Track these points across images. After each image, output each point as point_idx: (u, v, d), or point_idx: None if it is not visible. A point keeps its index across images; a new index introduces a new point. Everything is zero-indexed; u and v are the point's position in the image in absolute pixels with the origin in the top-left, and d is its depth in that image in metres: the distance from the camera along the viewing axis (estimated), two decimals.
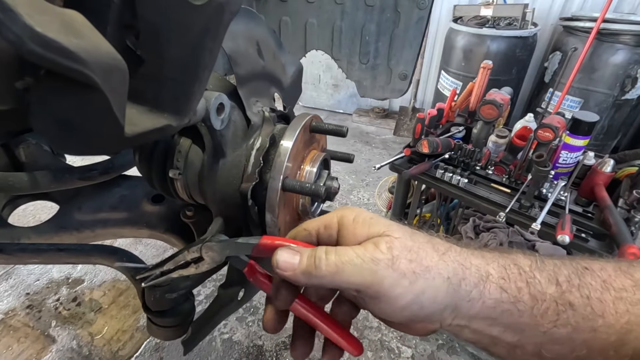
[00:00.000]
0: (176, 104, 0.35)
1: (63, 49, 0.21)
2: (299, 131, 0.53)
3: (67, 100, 0.25)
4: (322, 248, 0.38)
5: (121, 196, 0.82)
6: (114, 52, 0.25)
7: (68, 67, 0.22)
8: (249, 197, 0.52)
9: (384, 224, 0.39)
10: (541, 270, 0.39)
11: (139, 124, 0.32)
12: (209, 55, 0.34)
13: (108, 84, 0.25)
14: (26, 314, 2.41)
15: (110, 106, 0.26)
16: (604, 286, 0.38)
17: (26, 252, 0.59)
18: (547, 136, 1.56)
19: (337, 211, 0.43)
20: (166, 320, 0.59)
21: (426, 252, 0.38)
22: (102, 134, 0.28)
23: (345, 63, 1.19)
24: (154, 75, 0.33)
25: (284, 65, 0.69)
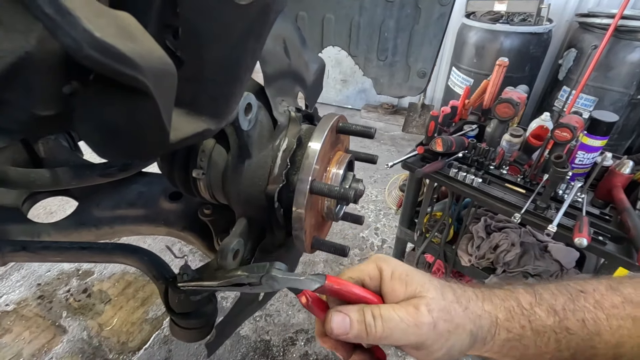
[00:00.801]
0: (215, 107, 0.34)
1: (120, 55, 0.20)
2: (327, 132, 0.52)
3: (115, 105, 0.24)
4: (369, 313, 0.43)
5: (139, 193, 0.82)
6: (165, 56, 0.24)
7: (123, 73, 0.21)
8: (276, 200, 0.51)
9: (418, 282, 0.44)
10: (540, 304, 0.45)
11: (181, 128, 0.31)
12: (251, 56, 0.32)
13: (159, 90, 0.24)
14: (37, 304, 2.44)
15: (159, 112, 0.25)
16: (597, 306, 0.45)
17: (49, 250, 0.58)
18: (565, 136, 1.53)
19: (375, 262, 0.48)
20: (190, 322, 0.58)
21: (455, 309, 0.44)
22: (148, 139, 0.27)
23: (363, 60, 1.17)
24: (193, 76, 0.32)
25: (307, 63, 0.67)
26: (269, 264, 0.43)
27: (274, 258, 0.66)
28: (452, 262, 2.05)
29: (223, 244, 0.51)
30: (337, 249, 0.57)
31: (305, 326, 2.31)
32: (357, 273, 0.47)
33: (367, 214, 3.28)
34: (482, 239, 1.97)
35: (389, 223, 3.16)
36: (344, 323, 0.43)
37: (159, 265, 0.60)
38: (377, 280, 0.46)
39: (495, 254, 1.92)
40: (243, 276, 0.44)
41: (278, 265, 0.43)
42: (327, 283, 0.43)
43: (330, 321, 0.43)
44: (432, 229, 2.03)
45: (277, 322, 2.37)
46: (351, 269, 0.48)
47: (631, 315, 0.44)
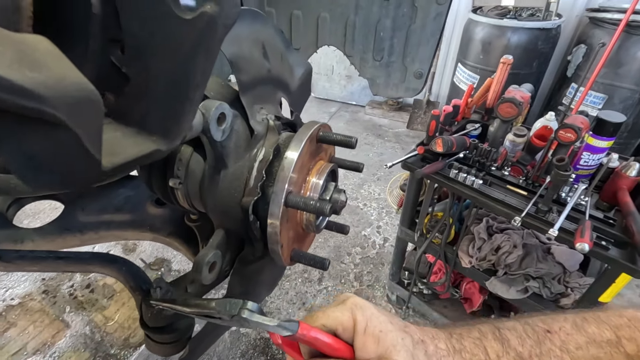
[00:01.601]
0: (165, 126, 0.32)
1: (13, 86, 0.18)
2: (305, 142, 0.50)
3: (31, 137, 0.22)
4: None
5: (126, 197, 0.81)
6: (83, 82, 0.22)
7: (23, 106, 0.19)
8: (251, 212, 0.49)
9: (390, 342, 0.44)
10: (507, 353, 0.47)
11: (121, 152, 0.30)
12: (200, 73, 0.30)
13: (76, 119, 0.22)
14: (42, 298, 2.48)
15: (81, 142, 0.23)
16: (563, 348, 0.47)
17: (25, 259, 0.58)
18: (569, 137, 1.48)
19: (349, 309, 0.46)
20: (163, 337, 0.57)
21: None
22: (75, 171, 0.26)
23: (358, 60, 1.14)
24: (140, 94, 0.30)
25: (291, 67, 0.65)
26: (242, 302, 0.42)
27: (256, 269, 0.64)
28: (452, 263, 2.02)
29: (198, 257, 0.50)
30: (317, 262, 0.55)
31: None
32: (330, 321, 0.46)
33: (369, 212, 3.26)
34: (483, 240, 1.94)
35: (392, 221, 3.14)
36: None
37: (137, 277, 0.59)
38: (350, 331, 0.46)
39: (496, 256, 1.89)
40: (214, 310, 0.43)
41: (250, 306, 0.42)
42: (298, 333, 0.42)
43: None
44: (432, 230, 2.01)
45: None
46: (326, 313, 0.46)
47: (594, 356, 0.46)
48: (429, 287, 2.35)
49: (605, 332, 0.47)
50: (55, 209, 2.85)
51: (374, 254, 2.86)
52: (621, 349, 0.46)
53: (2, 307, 2.39)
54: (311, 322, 0.46)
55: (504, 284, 1.84)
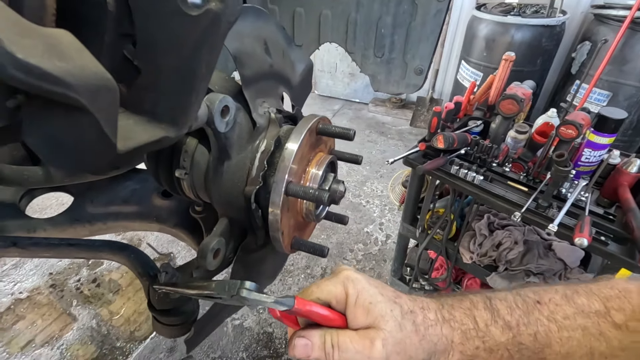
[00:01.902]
0: (173, 115, 0.35)
1: (45, 74, 0.21)
2: (305, 134, 0.52)
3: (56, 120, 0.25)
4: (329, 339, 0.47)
5: (132, 190, 0.84)
6: (102, 71, 0.25)
7: (52, 91, 0.22)
8: (253, 201, 0.52)
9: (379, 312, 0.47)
10: (496, 322, 0.49)
11: (134, 137, 0.32)
12: (205, 66, 0.33)
13: (96, 105, 0.24)
14: (49, 292, 2.53)
15: (100, 126, 0.26)
16: (550, 318, 0.48)
17: (39, 246, 0.61)
18: (570, 134, 1.49)
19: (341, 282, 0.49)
20: (170, 319, 0.60)
21: (410, 340, 0.47)
22: (93, 152, 0.28)
23: (360, 56, 1.16)
24: (150, 85, 0.33)
25: (293, 63, 0.67)
26: (239, 282, 0.44)
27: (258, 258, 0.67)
28: (454, 259, 2.04)
29: (203, 244, 0.52)
30: (317, 249, 0.57)
31: None
32: (324, 294, 0.49)
33: (372, 208, 3.28)
34: (484, 236, 1.95)
35: (394, 218, 3.15)
36: (306, 347, 0.47)
37: (144, 263, 0.62)
38: (343, 303, 0.49)
39: (497, 252, 1.90)
40: (214, 292, 0.45)
41: (248, 285, 0.44)
42: (294, 307, 0.45)
43: (293, 345, 0.48)
44: (434, 226, 2.02)
45: None
46: (318, 286, 0.49)
47: (581, 326, 0.47)
48: (430, 283, 2.36)
49: (595, 303, 0.48)
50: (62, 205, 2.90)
51: (377, 251, 2.88)
52: (609, 318, 0.47)
53: (11, 301, 2.44)
54: (306, 296, 0.49)
55: (505, 279, 1.86)
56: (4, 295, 2.47)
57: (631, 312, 0.46)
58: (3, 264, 2.68)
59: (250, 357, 2.20)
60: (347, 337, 0.47)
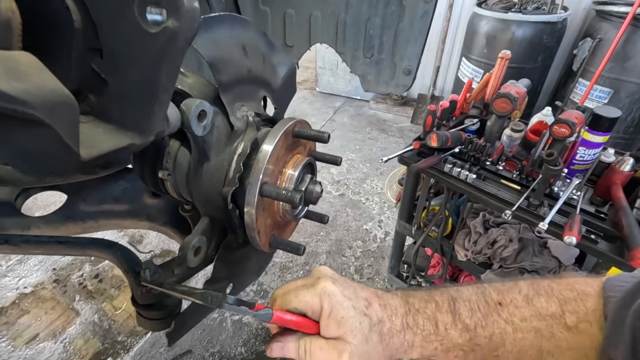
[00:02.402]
0: (139, 123, 0.37)
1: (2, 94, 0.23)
2: (280, 137, 0.54)
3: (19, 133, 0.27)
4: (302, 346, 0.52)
5: (124, 188, 0.86)
6: (59, 89, 0.27)
7: (10, 109, 0.24)
8: (229, 201, 0.54)
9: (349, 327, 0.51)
10: (455, 325, 0.53)
11: (98, 145, 0.34)
12: (166, 78, 0.35)
13: (55, 119, 0.27)
14: (53, 287, 2.58)
15: (60, 137, 0.28)
16: (508, 320, 0.51)
17: (29, 243, 0.64)
18: (563, 132, 1.49)
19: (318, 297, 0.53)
20: (152, 314, 0.63)
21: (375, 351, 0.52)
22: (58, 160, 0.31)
23: (350, 57, 1.18)
24: (117, 96, 0.35)
25: (274, 67, 0.69)
26: (222, 296, 0.48)
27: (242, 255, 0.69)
28: (449, 256, 2.06)
29: (184, 242, 0.55)
30: (293, 247, 0.60)
31: None
32: (302, 305, 0.53)
33: (371, 206, 3.30)
34: (479, 234, 1.97)
35: (393, 216, 3.17)
36: (282, 350, 0.53)
37: (130, 260, 0.65)
38: (318, 314, 0.53)
39: (492, 250, 1.92)
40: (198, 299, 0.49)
41: (230, 300, 0.48)
42: (273, 319, 0.51)
43: (271, 348, 0.54)
44: (429, 223, 2.04)
45: None
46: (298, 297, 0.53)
47: (535, 328, 0.50)
48: (426, 280, 2.38)
49: (552, 306, 0.51)
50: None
51: (375, 248, 2.90)
52: (562, 320, 0.49)
53: (16, 295, 2.50)
54: (285, 304, 0.53)
55: (499, 277, 1.87)
56: (9, 290, 2.53)
57: (584, 314, 0.49)
58: (8, 260, 2.74)
59: (248, 351, 2.23)
60: (318, 345, 0.51)
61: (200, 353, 2.22)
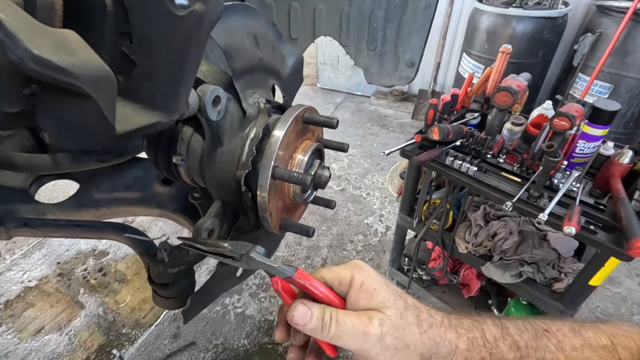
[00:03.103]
0: (165, 103, 0.39)
1: (57, 67, 0.26)
2: (291, 122, 0.57)
3: (65, 105, 0.30)
4: (328, 312, 0.47)
5: (135, 177, 0.89)
6: (102, 65, 0.29)
7: (62, 81, 0.26)
8: (243, 184, 0.56)
9: (382, 299, 0.47)
10: (505, 339, 0.48)
11: (131, 121, 0.37)
12: (192, 59, 0.37)
13: (97, 92, 0.29)
14: (57, 281, 2.61)
15: (101, 110, 0.30)
16: (558, 347, 0.48)
17: (48, 226, 0.66)
18: (563, 125, 1.52)
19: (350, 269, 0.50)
20: (168, 292, 0.65)
21: (410, 330, 0.47)
22: (96, 132, 0.33)
23: (353, 49, 1.20)
24: (145, 77, 0.37)
25: (283, 57, 0.71)
26: (252, 245, 0.48)
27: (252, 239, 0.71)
28: (450, 249, 2.08)
29: (198, 224, 0.57)
30: (303, 229, 0.62)
31: None
32: (330, 275, 0.50)
33: (372, 201, 3.32)
34: (480, 226, 1.99)
35: (394, 210, 3.19)
36: (306, 315, 0.47)
37: (145, 243, 0.67)
38: (346, 286, 0.49)
39: (492, 242, 1.94)
40: (227, 249, 0.49)
41: (258, 249, 0.48)
42: (295, 276, 0.48)
43: (293, 309, 0.47)
44: (430, 216, 2.06)
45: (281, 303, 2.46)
46: (327, 268, 0.51)
47: (588, 358, 0.47)
48: (428, 273, 2.41)
49: (602, 339, 0.48)
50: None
51: (376, 242, 2.93)
52: (616, 355, 0.47)
53: (21, 289, 2.53)
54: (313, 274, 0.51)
55: (499, 269, 1.90)
56: (13, 284, 2.56)
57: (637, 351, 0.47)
58: (12, 254, 2.77)
59: (251, 343, 2.26)
60: (345, 314, 0.47)
61: (204, 345, 2.25)
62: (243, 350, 2.23)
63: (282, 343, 2.26)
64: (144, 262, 0.66)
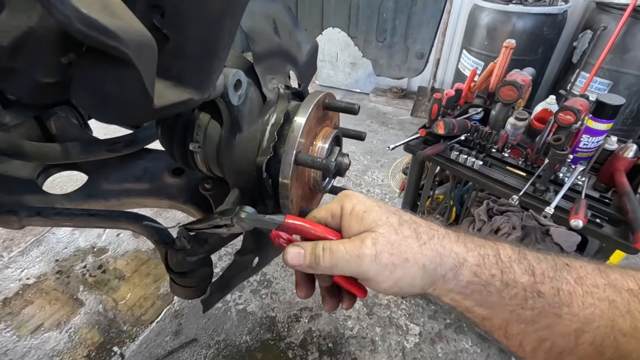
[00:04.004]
0: (197, 80, 0.38)
1: (104, 28, 0.24)
2: (312, 108, 0.55)
3: (104, 73, 0.28)
4: (320, 245, 0.46)
5: (144, 168, 0.87)
6: (145, 30, 0.28)
7: (107, 44, 0.25)
8: (264, 170, 0.55)
9: (373, 219, 0.46)
10: (520, 262, 0.45)
11: (166, 96, 0.35)
12: (227, 35, 0.36)
13: (140, 59, 0.28)
14: (56, 278, 2.57)
15: (142, 79, 0.29)
16: (578, 281, 0.45)
17: (61, 215, 0.64)
18: (568, 119, 1.52)
19: (339, 199, 0.49)
20: (187, 281, 0.64)
21: (407, 244, 0.45)
22: (134, 104, 0.31)
23: (362, 41, 1.19)
24: (177, 52, 0.36)
25: (299, 43, 0.70)
26: (238, 207, 0.48)
27: None
28: None
29: (217, 211, 0.56)
30: None
31: (310, 304, 2.39)
32: (322, 212, 0.49)
33: (372, 197, 3.32)
34: (483, 222, 1.99)
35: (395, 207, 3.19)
36: (299, 255, 0.47)
37: (160, 231, 0.66)
38: (339, 217, 0.48)
39: (495, 237, 1.95)
40: (218, 219, 0.49)
41: (246, 208, 0.48)
42: (286, 221, 0.47)
43: (287, 253, 0.47)
44: (433, 211, 2.06)
45: (282, 300, 2.45)
46: (318, 208, 0.50)
47: (609, 298, 0.43)
48: None
49: (629, 282, 0.44)
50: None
51: None
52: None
53: (19, 286, 2.49)
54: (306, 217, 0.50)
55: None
56: (11, 281, 2.52)
57: None
58: (10, 251, 2.73)
59: (253, 340, 2.25)
60: (338, 242, 0.46)
61: (206, 341, 2.23)
62: (245, 346, 2.21)
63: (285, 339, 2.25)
64: (160, 251, 0.65)
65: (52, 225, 0.67)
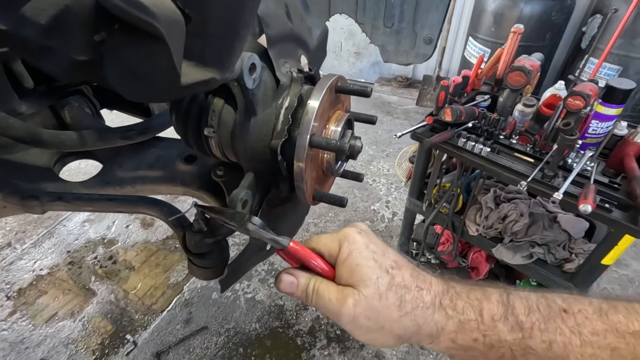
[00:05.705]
0: (219, 59, 0.38)
1: (139, 4, 0.25)
2: (325, 91, 0.56)
3: (135, 50, 0.29)
4: (311, 285, 0.50)
5: (157, 156, 0.88)
6: (174, 7, 0.29)
7: (141, 19, 0.26)
8: (279, 153, 0.56)
9: (361, 277, 0.47)
10: (506, 319, 0.45)
11: (190, 75, 0.36)
12: (248, 14, 0.36)
13: (170, 36, 0.28)
14: (68, 269, 2.62)
15: (172, 56, 0.30)
16: (574, 330, 0.43)
17: (82, 200, 0.66)
18: (578, 104, 1.51)
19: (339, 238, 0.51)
20: (205, 262, 0.66)
21: (388, 312, 0.46)
22: (163, 81, 0.32)
23: (370, 27, 1.18)
24: (199, 32, 0.36)
25: (310, 28, 0.70)
26: (248, 215, 0.50)
27: (279, 213, 0.72)
28: (460, 231, 2.09)
29: (232, 195, 0.57)
30: (336, 200, 0.62)
31: None
32: (320, 246, 0.51)
33: (378, 187, 3.32)
34: (490, 209, 1.99)
35: (400, 196, 3.19)
36: (292, 285, 0.51)
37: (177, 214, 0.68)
38: (334, 258, 0.50)
39: (503, 224, 1.95)
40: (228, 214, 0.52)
41: (254, 220, 0.50)
42: (289, 247, 0.50)
43: (281, 280, 0.51)
44: (440, 200, 2.06)
45: None
46: (318, 238, 0.52)
47: (611, 345, 0.41)
48: (436, 256, 2.42)
49: (634, 324, 0.41)
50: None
51: (383, 227, 2.94)
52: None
53: (32, 277, 2.54)
54: (306, 244, 0.53)
55: (510, 250, 1.91)
56: (25, 272, 2.57)
57: None
58: (22, 243, 2.78)
59: (262, 327, 2.29)
60: (327, 287, 0.48)
61: (216, 329, 2.28)
62: (255, 334, 2.25)
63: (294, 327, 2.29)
64: (178, 235, 0.67)
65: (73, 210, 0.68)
